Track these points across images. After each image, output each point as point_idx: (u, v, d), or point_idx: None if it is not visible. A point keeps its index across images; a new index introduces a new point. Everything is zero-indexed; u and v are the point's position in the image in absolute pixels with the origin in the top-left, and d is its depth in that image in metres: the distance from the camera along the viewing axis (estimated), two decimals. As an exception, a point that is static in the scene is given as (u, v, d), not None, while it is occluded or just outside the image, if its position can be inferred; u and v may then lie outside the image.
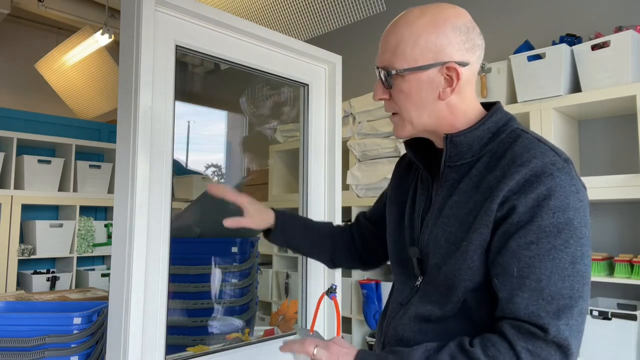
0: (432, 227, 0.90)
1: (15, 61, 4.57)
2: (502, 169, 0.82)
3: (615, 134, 2.16)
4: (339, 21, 2.82)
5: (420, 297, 0.91)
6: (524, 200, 0.78)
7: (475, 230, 0.82)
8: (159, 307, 1.12)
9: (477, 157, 0.88)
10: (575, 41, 2.14)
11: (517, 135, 0.86)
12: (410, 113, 0.90)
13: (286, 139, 3.39)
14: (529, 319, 0.74)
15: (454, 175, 0.90)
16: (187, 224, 1.74)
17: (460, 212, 0.86)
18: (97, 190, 3.62)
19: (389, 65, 0.89)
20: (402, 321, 0.92)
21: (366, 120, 2.77)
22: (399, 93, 0.89)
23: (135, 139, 1.08)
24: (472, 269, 0.82)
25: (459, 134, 0.88)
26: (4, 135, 3.21)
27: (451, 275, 0.84)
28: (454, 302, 0.85)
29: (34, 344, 1.22)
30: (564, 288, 0.75)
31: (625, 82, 1.89)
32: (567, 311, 0.74)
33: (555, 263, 0.75)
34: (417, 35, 0.86)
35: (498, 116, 0.89)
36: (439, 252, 0.87)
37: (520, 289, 0.76)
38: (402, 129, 0.93)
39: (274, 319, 1.67)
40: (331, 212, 1.55)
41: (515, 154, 0.83)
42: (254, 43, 1.38)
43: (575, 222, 0.77)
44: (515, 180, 0.79)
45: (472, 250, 0.82)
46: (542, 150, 0.82)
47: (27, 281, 3.33)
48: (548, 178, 0.78)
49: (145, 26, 1.10)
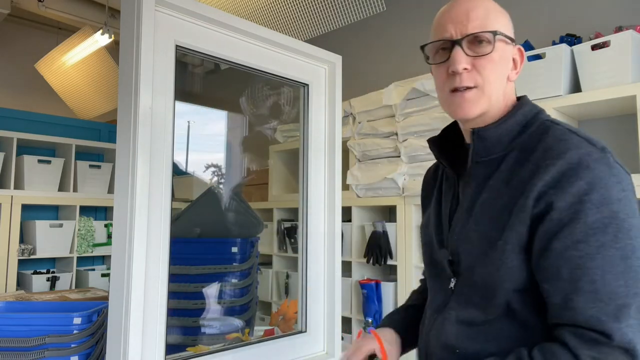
0: (461, 227, 0.87)
1: (15, 61, 4.57)
2: (535, 162, 0.79)
3: (615, 134, 2.15)
4: (339, 21, 2.82)
5: (458, 300, 0.87)
6: (562, 196, 0.74)
7: (511, 228, 0.78)
8: (159, 307, 1.12)
9: (506, 152, 0.85)
10: (575, 41, 2.14)
11: (548, 127, 0.83)
12: (493, 87, 0.85)
13: (286, 139, 3.39)
14: (589, 325, 0.71)
15: (483, 171, 0.87)
16: (187, 224, 1.74)
17: (492, 210, 0.82)
18: (97, 190, 3.62)
19: (485, 29, 0.84)
20: (444, 328, 0.88)
21: (366, 120, 2.77)
22: (489, 62, 0.84)
23: (135, 139, 1.08)
24: (512, 268, 0.78)
25: (486, 128, 0.86)
26: (4, 135, 3.21)
27: (488, 276, 0.81)
28: (496, 304, 0.81)
29: (34, 344, 1.22)
30: (619, 287, 0.71)
31: (625, 82, 1.89)
32: (626, 311, 0.70)
33: (607, 261, 0.71)
34: (500, 11, 0.88)
35: (527, 108, 0.87)
36: (471, 252, 0.84)
37: (575, 293, 0.72)
38: (476, 105, 0.85)
39: (274, 319, 1.67)
40: (331, 212, 1.55)
41: (547, 146, 0.79)
42: (254, 43, 1.38)
43: (621, 215, 0.73)
44: (551, 174, 0.75)
45: (510, 249, 0.78)
46: (575, 142, 0.78)
47: (27, 281, 3.33)
48: (585, 171, 0.74)
49: (145, 26, 1.10)
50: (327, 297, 1.54)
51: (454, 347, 0.85)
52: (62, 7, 3.64)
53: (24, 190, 3.26)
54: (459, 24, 0.85)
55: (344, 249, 2.80)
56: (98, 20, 3.67)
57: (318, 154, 1.57)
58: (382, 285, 2.65)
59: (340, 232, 1.56)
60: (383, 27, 3.25)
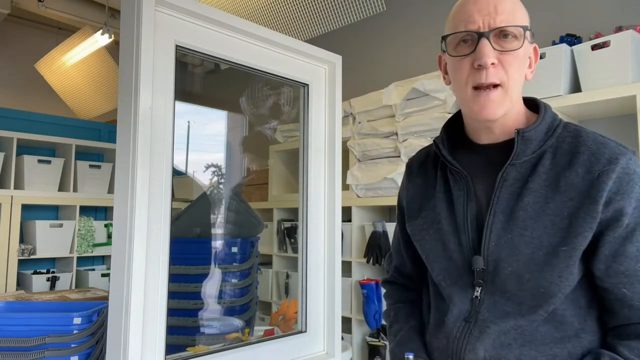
0: (500, 232, 0.82)
1: (15, 61, 4.57)
2: (586, 167, 0.79)
3: (615, 134, 2.15)
4: (339, 21, 2.82)
5: (491, 310, 0.83)
6: (629, 201, 0.77)
7: (579, 234, 0.77)
8: (159, 307, 1.12)
9: (538, 154, 0.84)
10: (575, 41, 2.14)
11: (576, 130, 0.84)
12: (516, 85, 0.84)
13: (286, 139, 3.39)
14: None
15: (515, 173, 0.84)
16: (187, 224, 1.74)
17: (542, 215, 0.80)
18: (97, 190, 3.62)
19: (516, 24, 0.82)
20: (483, 340, 0.83)
21: (366, 120, 2.77)
22: (515, 59, 0.82)
23: (135, 139, 1.08)
24: (574, 274, 0.79)
25: (529, 129, 0.83)
26: (4, 135, 3.21)
27: (546, 283, 0.79)
28: (545, 311, 0.80)
29: (34, 344, 1.22)
30: None
31: (625, 82, 1.89)
32: None
33: None
34: (523, 7, 0.86)
35: (550, 111, 0.88)
36: (517, 259, 0.80)
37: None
38: (501, 105, 0.83)
39: (274, 319, 1.67)
40: (331, 212, 1.55)
41: (592, 150, 0.80)
42: (254, 43, 1.38)
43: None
44: (612, 179, 0.77)
45: (576, 255, 0.78)
46: (612, 145, 0.80)
47: (27, 281, 3.33)
48: (634, 175, 0.78)
49: (145, 26, 1.10)
50: (327, 297, 1.54)
51: (495, 358, 0.82)
52: (62, 7, 3.64)
53: (24, 190, 3.26)
54: (486, 15, 0.81)
55: (344, 249, 2.80)
56: (98, 20, 3.67)
57: (318, 154, 1.57)
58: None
59: (340, 232, 1.56)
60: (383, 27, 3.25)
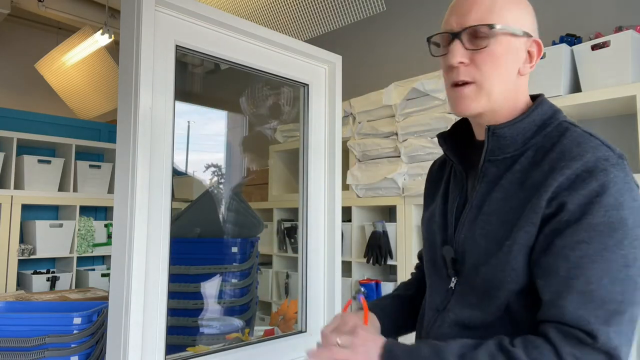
0: (469, 225, 0.85)
1: (15, 61, 4.57)
2: (550, 164, 0.77)
3: (615, 134, 2.15)
4: (339, 21, 2.82)
5: (457, 300, 0.86)
6: (574, 198, 0.72)
7: (521, 229, 0.76)
8: (159, 307, 1.12)
9: (520, 151, 0.82)
10: (575, 41, 2.14)
11: (565, 128, 0.81)
12: (493, 82, 0.82)
13: (286, 139, 3.39)
14: (577, 324, 0.69)
15: (495, 170, 0.84)
16: (187, 224, 1.74)
17: (502, 210, 0.80)
18: (97, 190, 3.62)
19: (485, 22, 0.81)
20: (442, 330, 0.86)
21: (366, 120, 2.77)
22: (487, 56, 0.82)
23: (135, 139, 1.08)
24: (517, 270, 0.77)
25: (502, 126, 0.83)
26: (4, 135, 3.21)
27: (492, 276, 0.79)
28: (496, 305, 0.80)
29: (34, 344, 1.22)
30: (615, 292, 0.69)
31: (625, 82, 1.89)
32: (618, 317, 0.69)
33: (607, 265, 0.69)
34: (513, 2, 0.84)
35: (544, 108, 0.84)
36: (477, 251, 0.82)
37: (568, 291, 0.70)
38: (473, 101, 0.83)
39: (274, 319, 1.67)
40: (331, 212, 1.55)
41: (564, 149, 0.77)
42: (254, 43, 1.38)
43: (630, 222, 0.71)
44: (566, 175, 0.74)
45: (517, 250, 0.76)
46: (593, 145, 0.76)
47: (27, 281, 3.33)
48: (601, 174, 0.72)
49: (145, 26, 1.10)
50: (327, 297, 1.54)
51: None
52: (62, 7, 3.64)
53: (24, 190, 3.26)
54: (461, 16, 0.83)
55: (344, 249, 2.80)
56: (98, 20, 3.67)
57: (318, 154, 1.57)
58: (382, 285, 2.65)
59: (340, 232, 1.56)
60: (383, 27, 3.25)
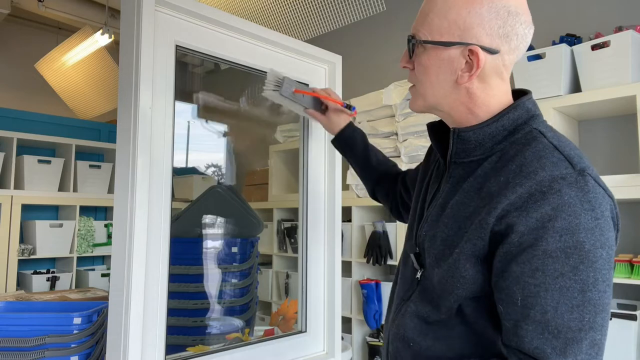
0: (431, 224, 0.85)
1: (15, 61, 4.57)
2: (506, 176, 0.75)
3: (615, 134, 2.16)
4: (339, 21, 2.82)
5: (420, 292, 0.87)
6: (525, 220, 0.70)
7: (469, 240, 0.76)
8: (159, 307, 1.12)
9: (486, 156, 0.81)
10: (575, 41, 2.15)
11: (533, 137, 0.77)
12: (425, 89, 0.85)
13: (286, 139, 3.39)
14: (534, 355, 0.69)
15: (461, 172, 0.84)
16: (187, 224, 1.74)
17: (458, 215, 0.80)
18: (97, 190, 3.62)
19: (415, 34, 0.84)
20: (404, 319, 0.88)
21: (366, 120, 2.77)
22: (419, 65, 0.85)
23: (135, 139, 1.08)
24: (466, 277, 0.76)
25: (467, 130, 0.81)
26: (4, 135, 3.22)
27: (444, 280, 0.79)
28: (447, 307, 0.80)
29: (34, 344, 1.22)
30: (571, 320, 0.68)
31: (625, 82, 1.89)
32: (575, 346, 0.67)
33: (563, 292, 0.68)
34: (449, 8, 0.79)
35: (517, 113, 0.80)
36: (434, 252, 0.83)
37: (525, 321, 0.70)
38: (414, 101, 0.89)
39: (274, 319, 1.67)
40: (331, 212, 1.55)
41: (524, 161, 0.74)
42: (254, 43, 1.38)
43: (587, 245, 0.68)
44: (518, 194, 0.71)
45: (464, 259, 0.76)
46: (553, 160, 0.72)
47: (27, 281, 3.33)
48: (555, 195, 0.69)
49: (145, 26, 1.10)
50: (327, 297, 1.54)
51: (409, 340, 0.86)
52: (62, 7, 3.64)
53: (24, 190, 3.26)
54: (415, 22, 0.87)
55: (344, 249, 2.80)
56: (98, 20, 3.67)
57: (318, 154, 1.57)
58: (382, 285, 2.65)
59: (340, 232, 1.56)
60: (383, 27, 3.25)
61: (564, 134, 2.11)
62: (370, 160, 1.27)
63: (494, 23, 0.78)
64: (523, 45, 0.82)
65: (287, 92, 1.28)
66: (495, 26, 0.78)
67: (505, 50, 0.79)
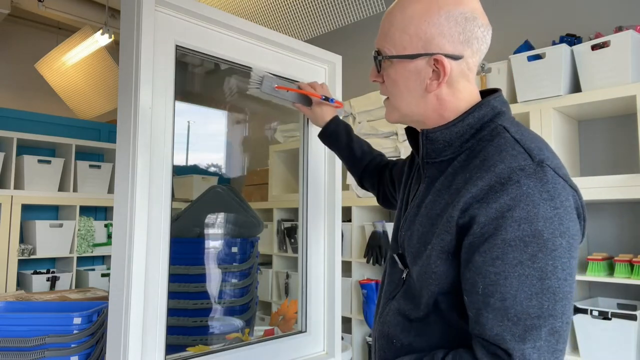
0: (409, 224, 0.89)
1: (15, 61, 4.57)
2: (470, 171, 0.78)
3: (615, 134, 2.16)
4: (339, 21, 2.82)
5: (404, 291, 0.90)
6: (485, 211, 0.72)
7: (438, 236, 0.79)
8: (159, 307, 1.12)
9: (456, 154, 0.84)
10: (575, 41, 2.15)
11: (497, 133, 0.80)
12: (398, 100, 0.88)
13: (286, 139, 3.39)
14: (495, 342, 0.71)
15: (434, 171, 0.87)
16: (187, 224, 1.74)
17: (431, 213, 0.83)
18: (97, 190, 3.62)
19: (380, 49, 0.87)
20: (388, 317, 0.91)
21: (366, 120, 2.77)
22: (388, 78, 0.88)
23: (135, 139, 1.08)
24: (437, 273, 0.79)
25: (434, 130, 0.85)
26: (4, 135, 3.21)
27: (420, 276, 0.83)
28: (424, 303, 0.83)
29: (34, 344, 1.22)
30: (530, 307, 0.69)
31: (625, 82, 1.89)
32: (535, 332, 0.69)
33: (522, 280, 0.70)
34: (409, 22, 0.82)
35: (483, 111, 0.83)
36: (411, 251, 0.86)
37: (485, 309, 0.72)
38: (389, 114, 0.93)
39: (274, 319, 1.67)
40: (331, 212, 1.55)
41: (487, 156, 0.77)
42: (254, 43, 1.38)
43: (546, 234, 0.70)
44: (479, 187, 0.74)
45: (435, 255, 0.79)
46: (513, 153, 0.75)
47: (27, 281, 3.33)
48: (513, 186, 0.71)
49: (145, 26, 1.10)
50: (327, 297, 1.54)
51: (392, 337, 0.88)
52: (62, 7, 3.64)
53: (24, 190, 3.26)
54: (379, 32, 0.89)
55: (344, 249, 2.80)
56: (98, 20, 3.67)
57: (318, 154, 1.57)
58: (382, 285, 2.65)
59: (340, 232, 1.56)
60: (383, 27, 3.24)
61: (564, 134, 2.12)
62: (354, 152, 1.30)
63: (454, 30, 0.81)
64: (484, 47, 0.85)
65: (268, 89, 1.32)
66: (456, 33, 0.81)
67: (468, 54, 0.83)
